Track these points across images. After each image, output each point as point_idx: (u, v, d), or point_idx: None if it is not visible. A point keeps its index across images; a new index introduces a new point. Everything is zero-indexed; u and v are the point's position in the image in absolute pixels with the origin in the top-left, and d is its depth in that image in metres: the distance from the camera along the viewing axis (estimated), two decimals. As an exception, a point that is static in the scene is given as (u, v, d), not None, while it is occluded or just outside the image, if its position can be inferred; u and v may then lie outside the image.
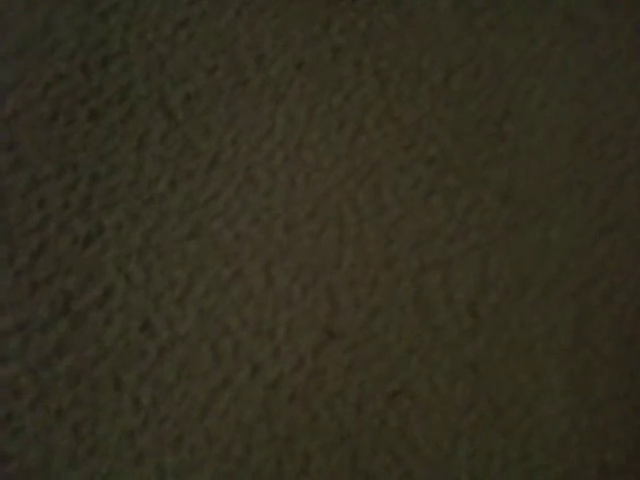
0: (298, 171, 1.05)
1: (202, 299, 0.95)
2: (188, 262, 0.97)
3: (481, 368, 0.97)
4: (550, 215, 1.09)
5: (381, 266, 1.01)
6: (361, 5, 1.19)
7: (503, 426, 0.94)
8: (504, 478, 0.92)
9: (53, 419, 0.86)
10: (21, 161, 0.99)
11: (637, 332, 1.03)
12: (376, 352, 0.96)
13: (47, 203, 0.97)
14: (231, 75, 1.10)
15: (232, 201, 1.02)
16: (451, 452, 0.92)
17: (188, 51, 1.10)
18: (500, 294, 1.02)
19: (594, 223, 1.09)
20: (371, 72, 1.14)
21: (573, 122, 1.16)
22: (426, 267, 1.02)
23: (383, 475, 0.90)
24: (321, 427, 0.91)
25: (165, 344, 0.92)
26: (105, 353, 0.90)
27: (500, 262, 1.04)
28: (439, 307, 1.00)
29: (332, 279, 0.99)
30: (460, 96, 1.15)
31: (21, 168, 0.99)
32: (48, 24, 1.08)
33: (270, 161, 1.05)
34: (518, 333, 1.00)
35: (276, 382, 0.92)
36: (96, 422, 0.87)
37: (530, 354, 0.99)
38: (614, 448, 0.95)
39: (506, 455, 0.93)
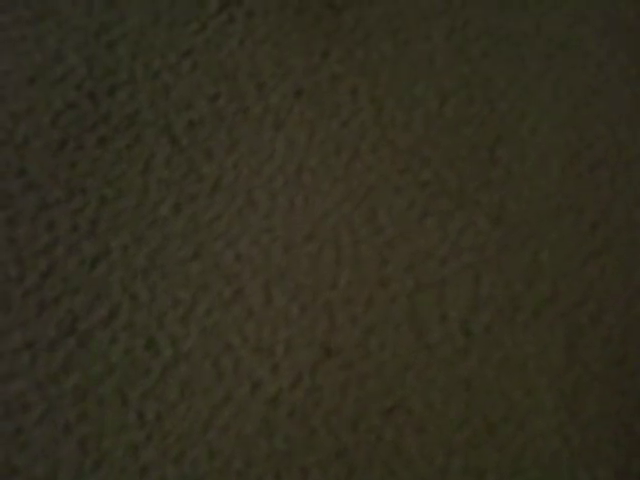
0: (297, 194, 1.07)
1: (204, 318, 0.97)
2: (191, 282, 0.98)
3: (474, 385, 0.98)
4: (540, 237, 1.10)
5: (377, 286, 1.03)
6: (358, 36, 1.21)
7: (496, 442, 0.95)
8: (496, 492, 0.93)
9: (60, 433, 0.88)
10: (31, 185, 1.01)
11: (626, 351, 1.04)
12: (372, 369, 0.97)
13: (56, 226, 0.99)
14: (233, 102, 1.12)
15: (233, 223, 1.04)
16: (445, 467, 0.93)
17: (192, 80, 1.12)
18: (492, 313, 1.03)
19: (583, 246, 1.10)
20: (367, 99, 1.16)
21: (564, 147, 1.17)
22: (420, 287, 1.04)
23: (378, 488, 0.91)
24: (318, 442, 0.92)
25: (169, 361, 0.93)
26: (111, 370, 0.92)
27: (492, 282, 1.06)
28: (433, 326, 1.01)
29: (329, 298, 1.01)
30: (453, 122, 1.17)
31: (31, 192, 1.00)
32: (58, 54, 1.10)
33: (270, 185, 1.07)
34: (510, 351, 1.01)
35: (275, 398, 0.94)
36: (102, 436, 0.88)
37: (522, 372, 0.99)
38: (605, 465, 0.96)
39: (499, 471, 0.94)
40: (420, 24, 1.24)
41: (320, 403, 0.94)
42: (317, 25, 1.20)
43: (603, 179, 1.16)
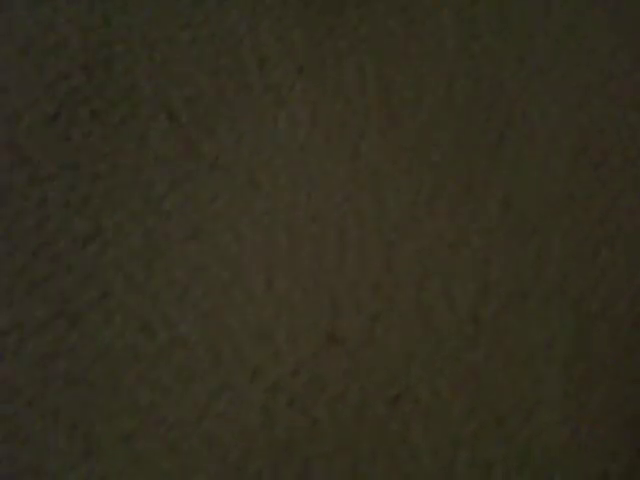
0: (300, 174, 1.05)
1: (202, 301, 0.95)
2: (188, 263, 0.96)
3: (482, 375, 0.96)
4: (550, 223, 1.09)
5: (383, 271, 1.00)
6: (364, 12, 1.19)
7: (503, 434, 0.94)
8: (505, 486, 0.91)
9: (49, 420, 0.85)
10: (22, 160, 0.98)
11: (635, 341, 1.02)
12: (377, 357, 0.95)
13: (47, 202, 0.96)
14: (233, 78, 1.10)
15: (233, 203, 1.01)
16: (451, 459, 0.92)
17: (191, 53, 1.10)
18: (501, 302, 1.02)
19: (593, 234, 1.09)
20: (373, 77, 1.14)
21: (574, 132, 1.16)
22: (428, 273, 1.02)
23: (383, 481, 0.89)
24: (321, 432, 0.90)
25: (164, 345, 0.91)
26: (103, 354, 0.89)
27: (501, 270, 1.04)
28: (440, 313, 0.99)
29: (333, 283, 0.98)
30: (462, 103, 1.15)
31: (22, 167, 0.98)
32: (51, 24, 1.07)
33: (272, 164, 1.05)
34: (518, 341, 0.99)
35: (275, 386, 0.92)
36: (92, 424, 0.86)
37: (530, 362, 0.98)
38: (614, 457, 0.95)
39: (506, 463, 0.93)
40: (427, 2, 1.21)
41: (322, 391, 0.92)
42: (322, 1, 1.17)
43: (614, 165, 1.14)
